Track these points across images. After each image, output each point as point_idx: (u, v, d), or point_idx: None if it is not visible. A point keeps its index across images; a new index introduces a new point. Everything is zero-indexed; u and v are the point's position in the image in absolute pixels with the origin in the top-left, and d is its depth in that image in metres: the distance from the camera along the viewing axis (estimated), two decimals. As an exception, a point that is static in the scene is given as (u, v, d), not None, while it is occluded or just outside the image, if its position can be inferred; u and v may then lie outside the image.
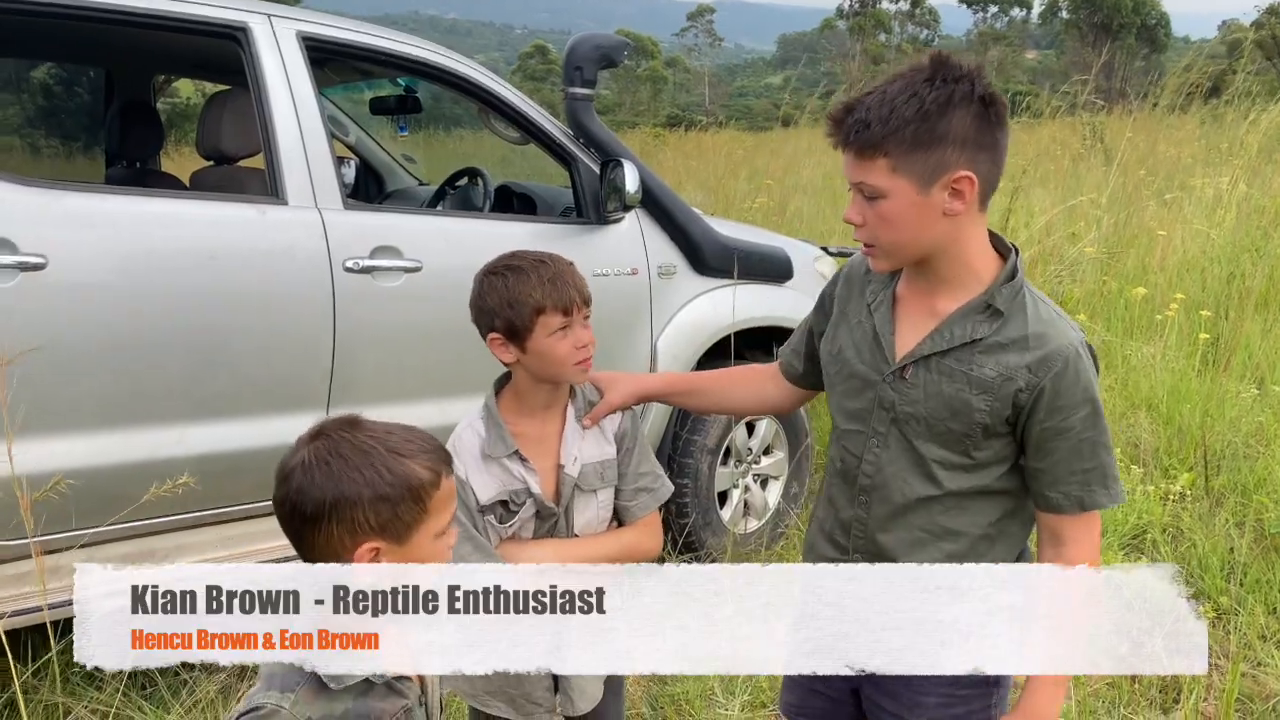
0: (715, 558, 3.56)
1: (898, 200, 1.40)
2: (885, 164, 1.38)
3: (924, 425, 1.49)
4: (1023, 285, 1.47)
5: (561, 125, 3.36)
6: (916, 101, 1.36)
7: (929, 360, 1.48)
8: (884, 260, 1.49)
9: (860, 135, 1.38)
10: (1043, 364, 1.42)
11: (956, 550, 1.52)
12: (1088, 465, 1.45)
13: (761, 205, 9.33)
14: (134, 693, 2.62)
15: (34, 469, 2.23)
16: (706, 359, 3.57)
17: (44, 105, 4.78)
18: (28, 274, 2.26)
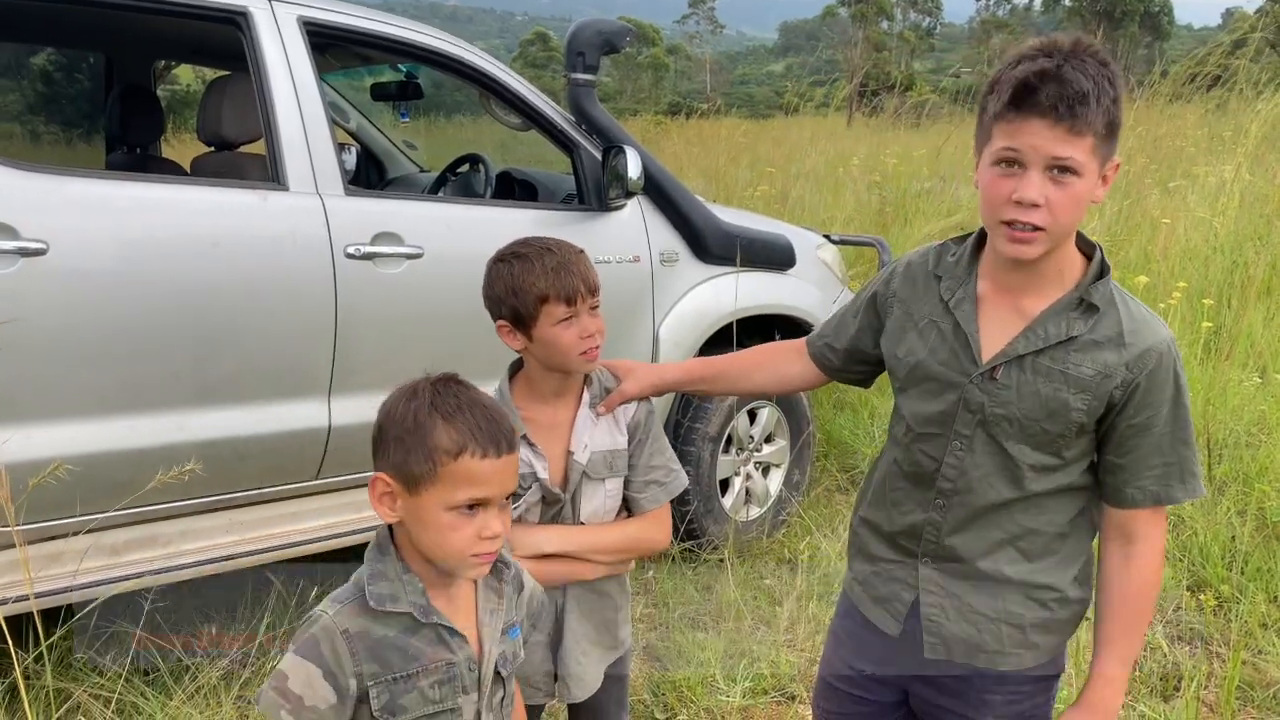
0: (717, 545, 3.56)
1: (1087, 181, 1.35)
2: (1091, 142, 1.32)
3: (1017, 426, 1.45)
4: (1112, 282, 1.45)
5: (563, 111, 3.35)
6: (1112, 84, 1.33)
7: (1023, 360, 1.44)
8: (1041, 246, 1.38)
9: (1075, 108, 1.30)
10: (1139, 361, 1.40)
11: (1031, 549, 1.51)
12: (1169, 460, 1.44)
13: (763, 193, 9.30)
14: (136, 678, 2.62)
15: (36, 455, 2.23)
16: (708, 346, 3.57)
17: (44, 91, 4.76)
18: (29, 259, 2.25)
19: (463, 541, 1.23)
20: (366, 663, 1.25)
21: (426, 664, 1.28)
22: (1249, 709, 2.76)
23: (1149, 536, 1.48)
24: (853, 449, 4.51)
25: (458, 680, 1.30)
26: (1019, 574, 1.50)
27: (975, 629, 1.53)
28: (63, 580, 2.39)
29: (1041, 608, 1.51)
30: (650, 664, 2.98)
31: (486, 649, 1.33)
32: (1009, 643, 1.52)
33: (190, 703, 2.55)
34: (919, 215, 8.94)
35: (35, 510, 2.26)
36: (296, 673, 1.25)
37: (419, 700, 1.28)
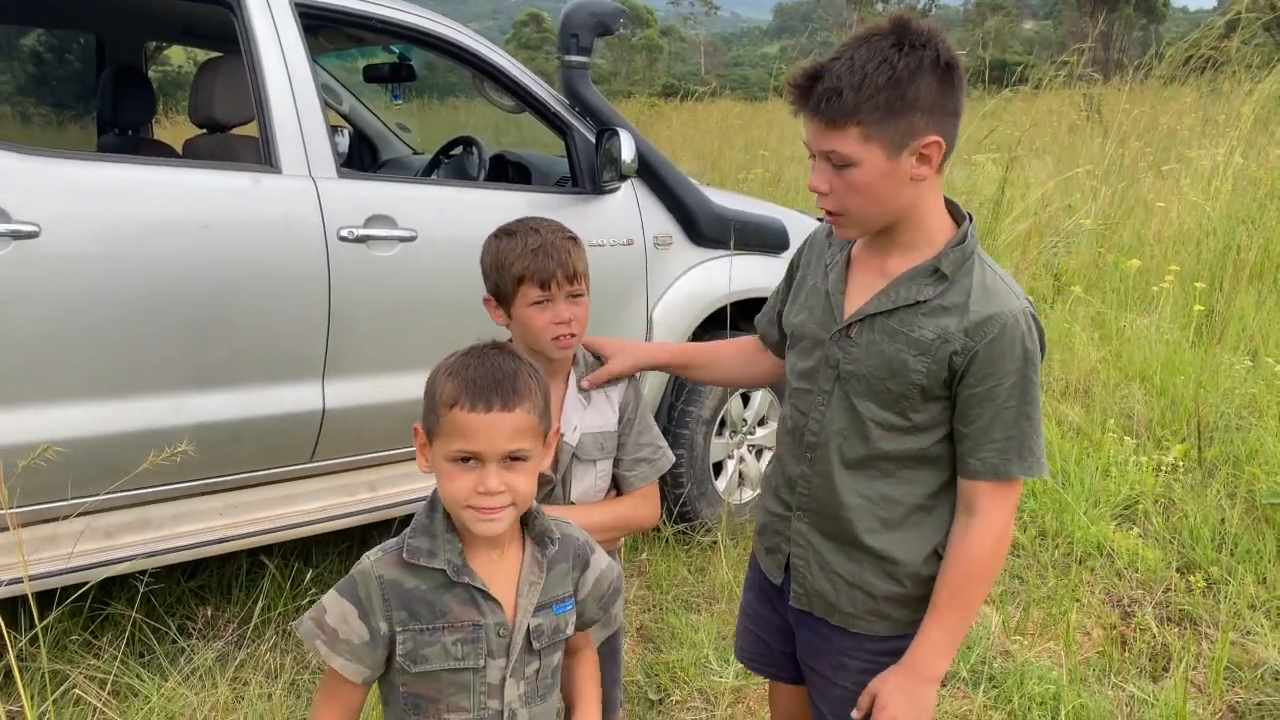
0: (710, 528, 3.58)
1: (868, 168, 1.39)
2: (857, 132, 1.37)
3: (864, 384, 1.51)
4: (973, 251, 1.47)
5: (557, 94, 3.34)
6: (888, 68, 1.35)
7: (874, 319, 1.50)
8: (852, 228, 1.50)
9: (831, 104, 1.37)
10: (979, 329, 1.42)
11: (889, 518, 1.54)
12: (1010, 434, 1.45)
13: (757, 176, 9.30)
14: (132, 660, 2.63)
15: (29, 438, 2.23)
16: (702, 330, 3.57)
17: (34, 73, 4.73)
18: (21, 242, 2.25)
19: (458, 491, 1.28)
20: (397, 610, 1.32)
21: (453, 621, 1.33)
22: (1237, 689, 2.79)
23: (989, 512, 1.48)
24: (846, 432, 4.52)
25: (482, 642, 1.34)
26: (876, 543, 1.54)
27: (833, 587, 1.59)
28: (57, 563, 2.39)
29: (895, 583, 1.55)
30: (644, 646, 3.00)
31: (519, 618, 1.36)
32: (861, 608, 1.58)
33: (186, 684, 2.56)
34: (913, 198, 8.93)
35: (29, 493, 2.26)
36: (334, 608, 1.34)
37: (441, 654, 1.33)
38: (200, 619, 2.87)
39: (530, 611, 1.37)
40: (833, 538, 1.58)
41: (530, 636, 1.37)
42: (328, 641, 1.33)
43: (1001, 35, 48.46)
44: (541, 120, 3.32)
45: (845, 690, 1.61)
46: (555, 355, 1.74)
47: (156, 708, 2.46)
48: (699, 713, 2.67)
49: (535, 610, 1.37)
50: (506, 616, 1.35)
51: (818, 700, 1.69)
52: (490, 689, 1.35)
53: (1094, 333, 5.43)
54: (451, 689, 1.35)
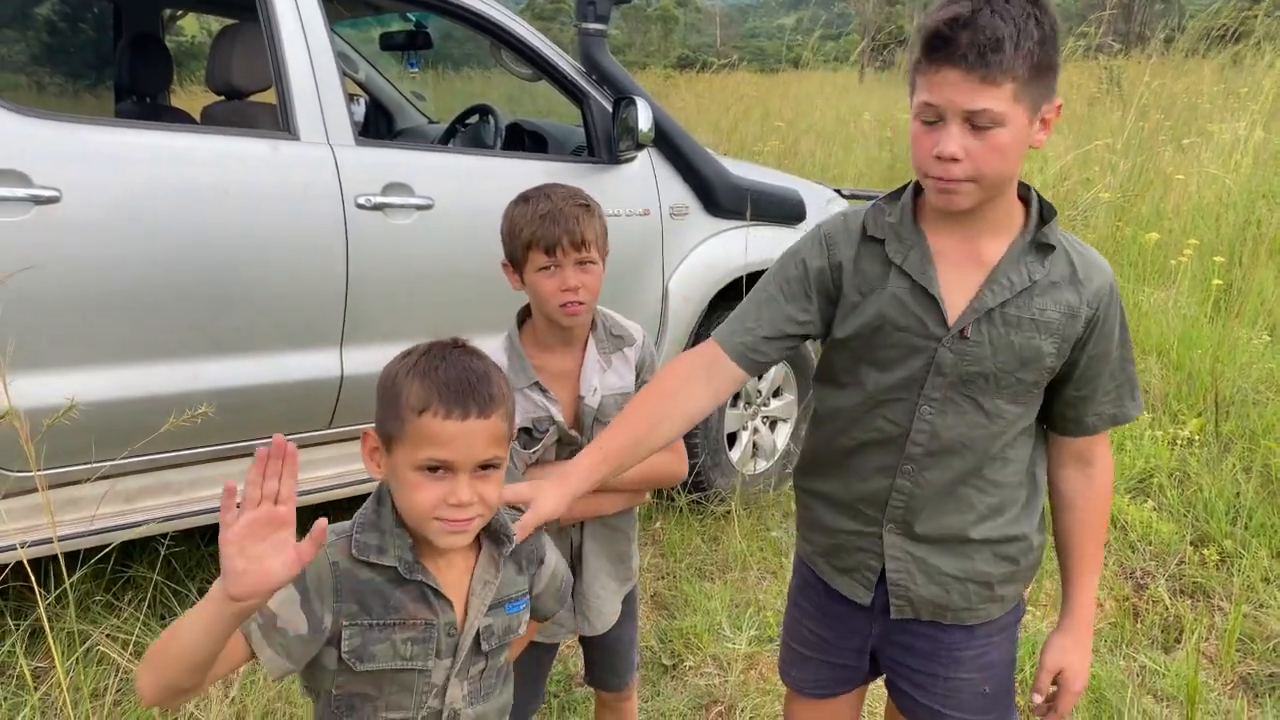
0: (724, 498, 3.59)
1: (1013, 130, 1.28)
2: (1011, 90, 1.26)
3: (992, 381, 1.41)
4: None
5: (574, 62, 3.33)
6: (1037, 26, 1.26)
7: (991, 313, 1.39)
8: (970, 199, 1.34)
9: (988, 55, 1.24)
10: (1097, 296, 1.41)
11: (998, 503, 1.49)
12: (1120, 380, 1.47)
13: (773, 148, 9.25)
14: (153, 621, 2.67)
15: (50, 402, 2.25)
16: (718, 300, 3.57)
17: (49, 40, 4.73)
18: (41, 207, 2.26)
19: (425, 503, 1.20)
20: (346, 601, 1.24)
21: (405, 618, 1.26)
22: (1249, 660, 2.80)
23: (1104, 456, 1.53)
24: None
25: (432, 642, 1.28)
26: (985, 533, 1.49)
27: (944, 590, 1.52)
28: (81, 525, 2.42)
29: (1009, 562, 1.51)
30: (658, 612, 3.02)
31: (470, 619, 1.30)
32: (976, 599, 1.53)
33: (206, 646, 2.59)
34: (930, 171, 8.87)
35: (52, 456, 2.29)
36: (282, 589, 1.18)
37: (389, 652, 1.26)
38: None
39: (483, 612, 1.31)
40: (936, 541, 1.51)
41: (480, 637, 1.31)
42: (263, 627, 1.18)
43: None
44: (559, 89, 3.31)
45: (960, 681, 1.58)
46: (564, 323, 1.74)
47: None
48: (712, 678, 2.70)
49: (487, 610, 1.32)
50: (457, 616, 1.29)
51: (922, 699, 1.61)
52: (433, 689, 1.29)
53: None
54: (393, 688, 1.28)
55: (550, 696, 2.55)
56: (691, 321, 3.52)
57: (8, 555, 2.29)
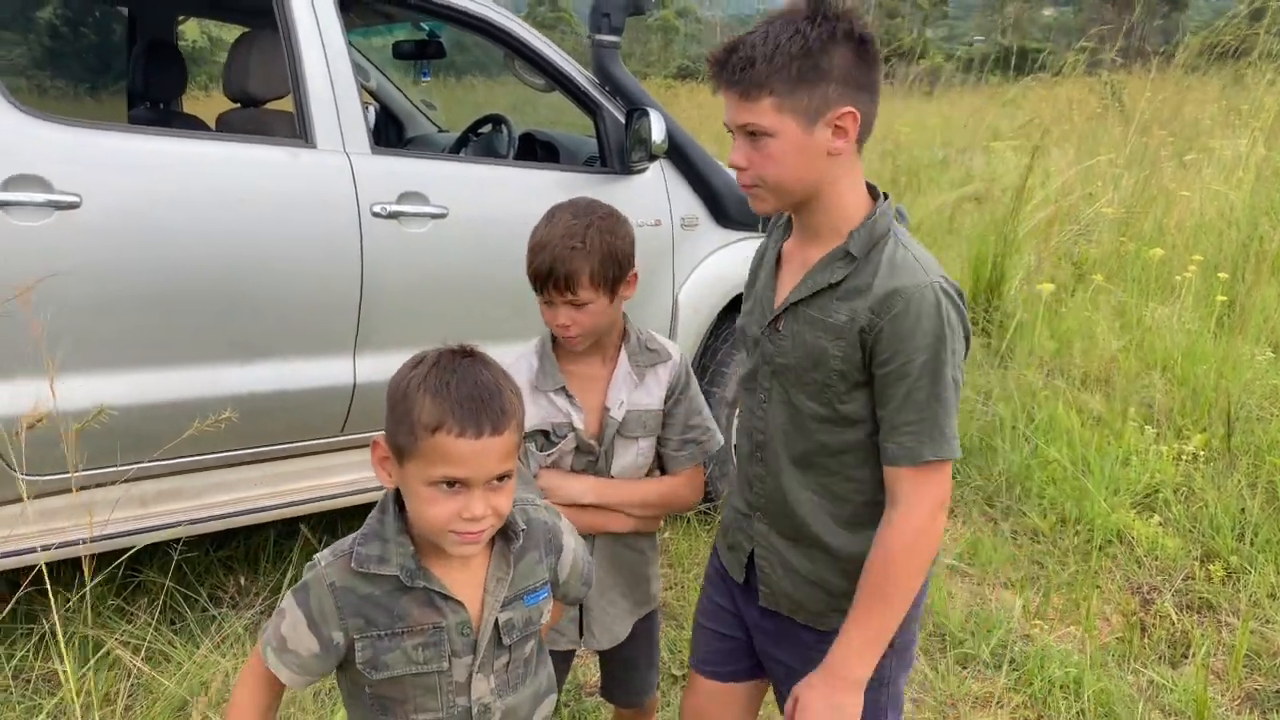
0: (731, 508, 3.60)
1: (783, 139, 1.38)
2: (771, 102, 1.37)
3: (795, 376, 1.49)
4: (885, 231, 1.44)
5: (587, 73, 3.35)
6: (800, 38, 1.35)
7: (795, 309, 1.48)
8: (767, 200, 1.46)
9: (744, 74, 1.36)
10: (883, 304, 1.39)
11: (842, 515, 1.51)
12: (922, 415, 1.39)
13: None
14: (164, 627, 2.67)
15: (70, 406, 2.26)
16: (727, 312, 3.59)
17: (63, 46, 4.74)
18: (62, 212, 2.27)
19: (440, 517, 1.21)
20: (352, 617, 1.26)
21: (412, 625, 1.28)
22: (1256, 676, 2.81)
23: (909, 501, 1.41)
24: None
25: (444, 644, 1.29)
26: (831, 541, 1.51)
27: (793, 587, 1.57)
28: (97, 529, 2.42)
29: (850, 579, 1.48)
30: (668, 622, 3.02)
31: (486, 615, 1.31)
32: (823, 606, 1.55)
33: (215, 652, 2.60)
34: (932, 185, 8.93)
35: (55, 463, 2.29)
36: (289, 614, 1.28)
37: (402, 659, 1.28)
38: (231, 588, 2.91)
39: (498, 607, 1.31)
40: (789, 537, 1.56)
41: (500, 631, 1.32)
42: (277, 650, 1.28)
43: (1021, 21, 48.11)
44: (571, 99, 3.32)
45: None
46: (567, 346, 1.75)
47: (189, 673, 2.50)
48: (722, 689, 2.70)
49: (505, 604, 1.32)
50: (471, 615, 1.30)
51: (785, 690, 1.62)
52: (458, 686, 1.31)
53: (1115, 322, 5.42)
54: (417, 691, 1.30)
55: (560, 705, 2.56)
56: (700, 332, 3.53)
57: (31, 557, 2.29)
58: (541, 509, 1.42)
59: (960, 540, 3.57)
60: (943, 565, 3.37)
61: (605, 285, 1.68)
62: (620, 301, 1.75)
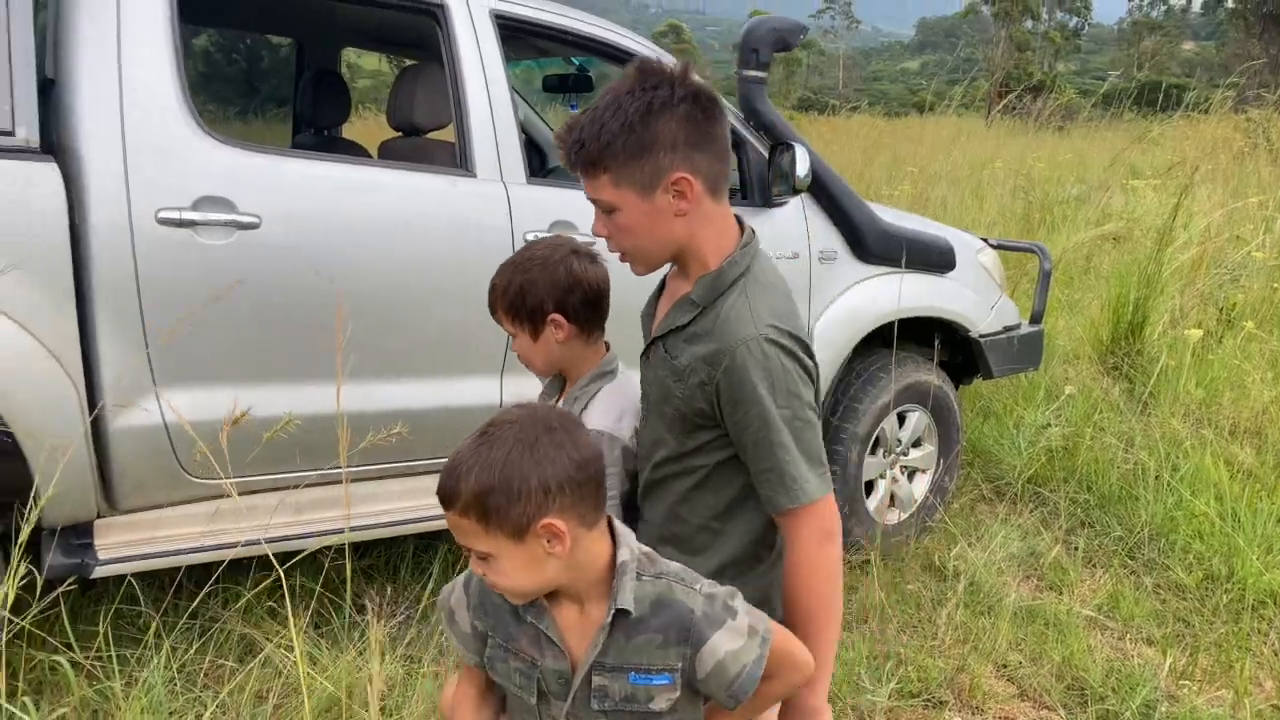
0: (861, 546, 3.56)
1: (628, 211, 1.46)
2: (608, 179, 1.44)
3: (652, 404, 1.60)
4: (734, 279, 1.49)
5: (731, 107, 3.39)
6: (621, 114, 1.41)
7: (655, 344, 1.59)
8: (639, 265, 1.56)
9: (579, 155, 1.45)
10: (713, 359, 1.45)
11: (679, 535, 1.61)
12: (767, 466, 1.45)
13: (904, 193, 9.16)
14: (311, 630, 2.78)
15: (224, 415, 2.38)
16: (862, 346, 3.56)
17: (233, 73, 5.03)
18: (243, 232, 2.42)
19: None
20: (485, 616, 1.37)
21: (518, 650, 1.35)
22: None
23: (792, 540, 1.48)
24: (997, 459, 4.43)
25: (534, 682, 1.33)
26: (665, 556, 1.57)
27: None
28: (255, 532, 2.55)
29: None
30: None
31: (579, 670, 1.32)
32: None
33: (360, 658, 2.69)
34: (1067, 223, 8.67)
35: (238, 466, 2.42)
36: (457, 590, 1.40)
37: (507, 673, 1.37)
38: (376, 596, 3.01)
39: (586, 665, 1.31)
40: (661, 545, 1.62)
41: (593, 694, 1.31)
42: (447, 621, 1.41)
43: (1159, 56, 46.44)
44: (716, 133, 3.36)
45: None
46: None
47: (334, 677, 2.60)
48: (853, 730, 2.67)
49: (604, 670, 1.30)
50: (568, 666, 1.31)
51: None
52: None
53: (1267, 371, 5.17)
54: (519, 707, 1.39)
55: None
56: (835, 367, 3.52)
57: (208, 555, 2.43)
58: (696, 594, 1.32)
59: (1100, 591, 3.44)
60: (1081, 616, 3.26)
61: (522, 318, 1.79)
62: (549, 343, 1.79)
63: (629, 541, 1.33)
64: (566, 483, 1.21)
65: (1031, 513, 4.00)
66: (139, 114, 2.32)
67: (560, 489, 1.20)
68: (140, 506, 2.53)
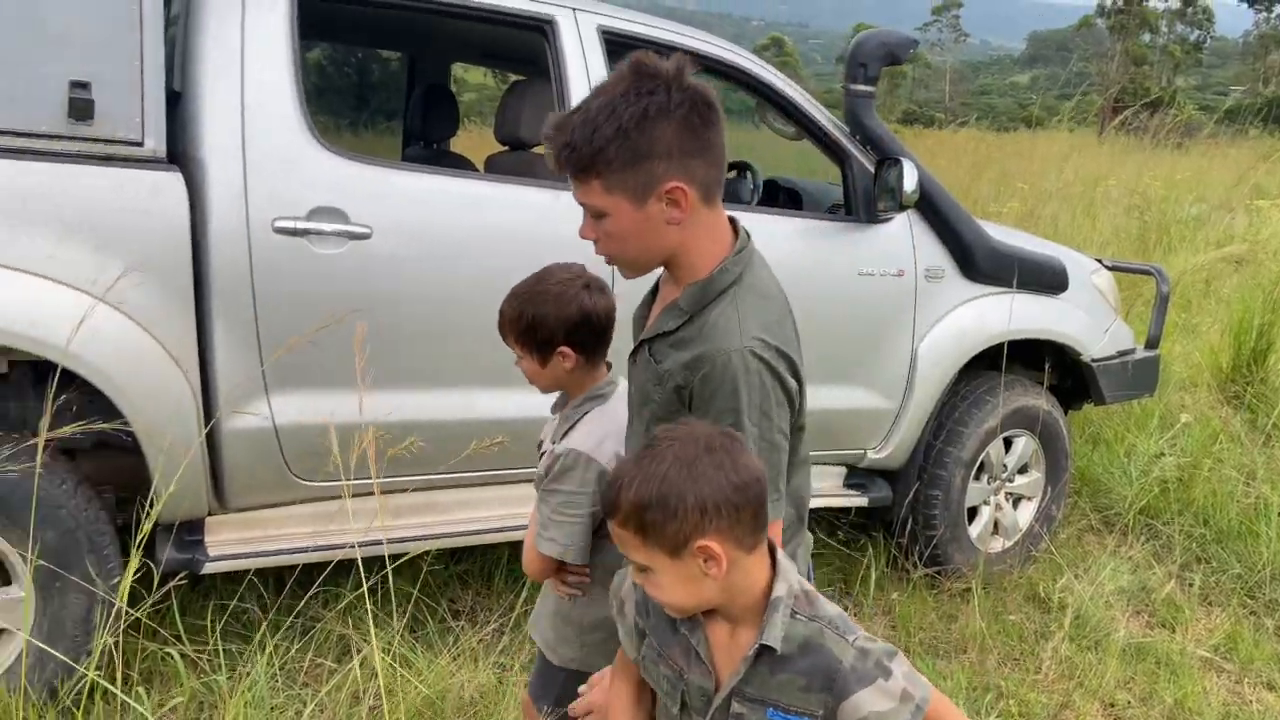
0: (962, 574, 3.46)
1: (619, 218, 1.42)
2: (599, 184, 1.39)
3: (635, 409, 1.58)
4: (724, 288, 1.45)
5: (838, 121, 3.34)
6: (615, 120, 1.35)
7: (642, 346, 1.55)
8: (628, 270, 1.53)
9: (570, 158, 1.39)
10: (695, 364, 1.42)
11: None
12: None
13: (1012, 210, 8.92)
14: (406, 633, 2.82)
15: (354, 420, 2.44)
16: (969, 369, 3.48)
17: (346, 86, 5.18)
18: (355, 242, 2.47)
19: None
20: (645, 616, 1.37)
21: (669, 657, 1.34)
22: None
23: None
24: (1107, 488, 4.26)
25: (677, 692, 1.33)
26: None
27: None
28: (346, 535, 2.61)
29: None
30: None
31: (721, 690, 1.30)
32: None
33: (454, 664, 2.72)
34: (1185, 244, 8.32)
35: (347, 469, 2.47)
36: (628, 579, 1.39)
37: (656, 677, 1.37)
38: (469, 603, 3.05)
39: (727, 689, 1.29)
40: None
41: (730, 718, 1.29)
42: (618, 611, 1.41)
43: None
44: (820, 146, 3.33)
45: None
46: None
47: (428, 680, 2.64)
48: (949, 764, 2.58)
49: (744, 698, 1.28)
50: (712, 684, 1.30)
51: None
52: None
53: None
54: (663, 715, 1.40)
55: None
56: (939, 387, 3.43)
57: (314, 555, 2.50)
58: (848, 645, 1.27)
59: (1216, 631, 3.28)
60: (1196, 656, 3.11)
61: (528, 342, 1.83)
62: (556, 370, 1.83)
63: (790, 576, 1.30)
64: (724, 504, 1.20)
65: (1143, 546, 3.83)
66: (259, 126, 2.40)
67: (717, 510, 1.19)
68: (249, 506, 2.61)
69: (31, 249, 2.17)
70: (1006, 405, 3.48)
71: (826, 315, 3.18)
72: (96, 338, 2.22)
